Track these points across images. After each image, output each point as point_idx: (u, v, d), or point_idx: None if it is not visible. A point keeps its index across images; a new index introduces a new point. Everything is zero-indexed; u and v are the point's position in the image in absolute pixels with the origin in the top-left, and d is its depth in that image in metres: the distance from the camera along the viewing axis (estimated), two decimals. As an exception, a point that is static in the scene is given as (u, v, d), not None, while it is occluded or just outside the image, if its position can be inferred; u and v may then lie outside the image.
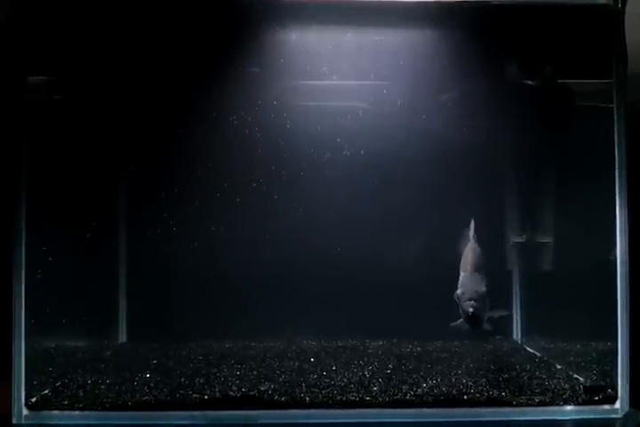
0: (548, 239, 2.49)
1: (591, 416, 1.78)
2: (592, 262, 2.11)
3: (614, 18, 1.87)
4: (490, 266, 2.47)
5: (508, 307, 2.36)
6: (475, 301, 1.81)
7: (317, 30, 2.32)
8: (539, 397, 1.79)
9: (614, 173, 1.83)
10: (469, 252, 1.98)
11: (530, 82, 2.49)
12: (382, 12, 2.19)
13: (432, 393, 1.80)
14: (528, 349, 2.40)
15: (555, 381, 1.93)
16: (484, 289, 1.84)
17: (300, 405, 1.77)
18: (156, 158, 2.43)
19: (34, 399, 1.78)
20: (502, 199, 2.58)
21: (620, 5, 1.88)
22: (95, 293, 2.34)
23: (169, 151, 2.43)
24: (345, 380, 1.94)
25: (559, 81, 2.43)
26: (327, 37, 2.35)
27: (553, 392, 1.83)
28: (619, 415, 1.78)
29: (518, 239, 2.56)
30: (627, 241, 1.82)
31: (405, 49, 2.35)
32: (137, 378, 1.98)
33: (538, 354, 2.31)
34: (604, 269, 1.88)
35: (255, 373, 2.02)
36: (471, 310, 1.79)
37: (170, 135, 2.41)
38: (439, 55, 2.36)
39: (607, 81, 1.87)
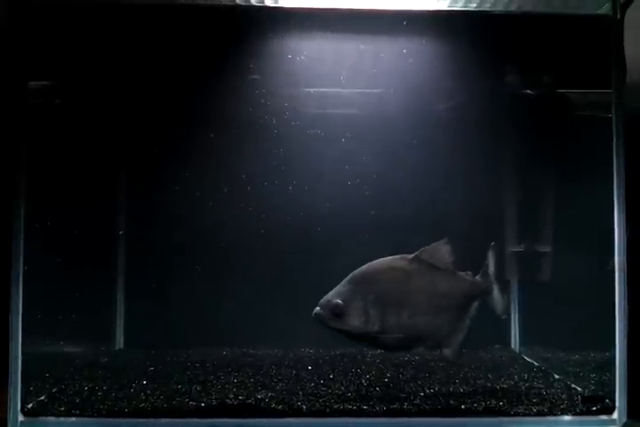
0: (546, 248, 2.49)
1: (589, 427, 1.78)
2: (590, 272, 2.11)
3: (613, 29, 1.88)
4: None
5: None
6: (319, 307, 1.80)
7: (318, 38, 2.34)
8: (536, 407, 1.79)
9: (612, 183, 1.84)
10: (368, 265, 1.86)
11: (529, 91, 2.50)
12: (383, 20, 2.21)
13: (429, 402, 1.80)
14: (526, 358, 2.40)
15: (552, 391, 1.93)
16: (336, 302, 1.78)
17: (298, 413, 1.76)
18: (155, 163, 2.44)
19: (30, 405, 1.78)
20: (501, 208, 2.59)
21: (619, 16, 1.89)
22: (93, 299, 2.33)
23: (167, 156, 2.44)
24: (342, 388, 1.93)
25: (558, 91, 2.44)
26: (328, 45, 2.36)
27: (551, 402, 1.83)
28: (616, 426, 1.78)
29: (517, 248, 2.56)
30: (625, 251, 1.82)
31: (407, 58, 2.36)
32: (134, 385, 1.97)
33: (536, 364, 2.30)
34: (602, 278, 1.88)
35: (252, 380, 2.02)
36: (313, 314, 1.80)
37: (169, 139, 2.42)
38: (439, 64, 2.38)
39: (606, 91, 1.88)
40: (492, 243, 1.91)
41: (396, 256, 1.88)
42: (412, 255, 1.87)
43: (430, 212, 2.38)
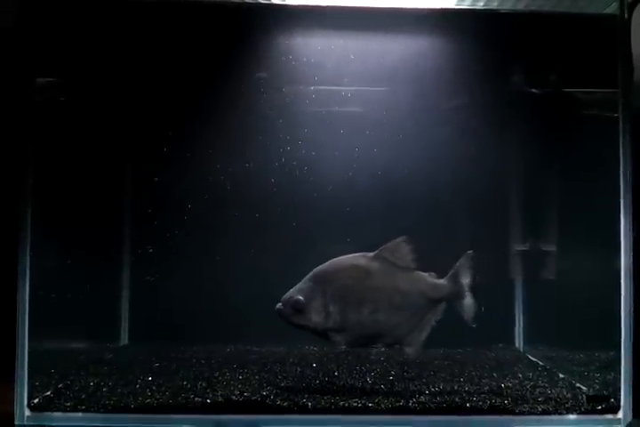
0: (551, 248, 2.49)
1: (593, 426, 1.78)
2: (595, 271, 2.11)
3: (621, 28, 1.88)
4: (493, 274, 2.50)
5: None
6: (281, 303, 1.87)
7: (326, 36, 2.34)
8: (541, 405, 1.79)
9: (619, 182, 1.83)
10: (329, 263, 1.90)
11: (535, 91, 2.50)
12: (388, 18, 2.21)
13: (434, 400, 1.80)
14: (530, 357, 2.40)
15: (557, 390, 1.93)
16: (297, 298, 1.85)
17: (303, 410, 1.77)
18: (162, 163, 2.44)
19: (36, 401, 1.79)
20: (506, 207, 2.59)
21: (626, 16, 1.89)
22: (98, 295, 2.34)
23: (174, 156, 2.44)
24: (347, 386, 1.94)
25: (565, 90, 2.44)
26: (333, 43, 2.37)
27: (556, 401, 1.82)
28: (621, 425, 1.78)
29: (522, 247, 2.56)
30: (631, 250, 1.82)
31: (412, 56, 2.36)
32: (139, 381, 1.98)
33: (540, 363, 2.30)
34: (607, 277, 1.88)
35: (257, 377, 2.02)
36: (275, 309, 1.87)
37: (176, 139, 2.42)
38: (445, 63, 2.38)
39: (612, 90, 1.87)
40: (469, 251, 1.91)
41: (357, 254, 1.91)
42: (372, 253, 1.90)
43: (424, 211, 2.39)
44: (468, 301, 1.89)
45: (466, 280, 1.89)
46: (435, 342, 2.41)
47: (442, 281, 1.90)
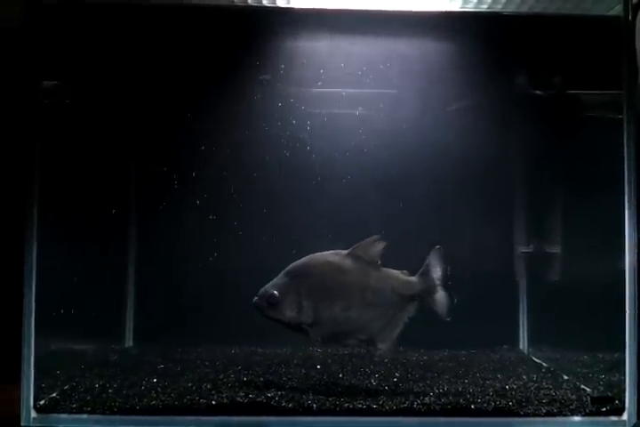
0: (555, 249, 2.49)
1: (598, 428, 1.78)
2: (600, 273, 2.11)
3: (625, 30, 1.88)
4: (497, 275, 2.50)
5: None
6: (257, 297, 1.91)
7: (331, 39, 2.35)
8: (546, 407, 1.79)
9: (623, 183, 1.83)
10: (305, 259, 1.95)
11: (539, 93, 2.50)
12: (392, 21, 2.22)
13: (439, 402, 1.80)
14: (535, 359, 2.40)
15: (562, 391, 1.93)
16: (271, 292, 1.89)
17: (308, 412, 1.77)
18: (167, 163, 2.45)
19: (42, 402, 1.79)
20: (510, 209, 2.59)
21: (630, 18, 1.89)
22: (103, 296, 2.35)
23: (179, 157, 2.45)
24: (352, 387, 1.94)
25: (569, 92, 2.44)
26: (338, 46, 2.37)
27: (560, 403, 1.82)
28: (626, 427, 1.78)
29: (526, 249, 2.56)
30: (635, 251, 1.82)
31: (415, 59, 2.36)
32: (144, 382, 1.98)
33: (544, 364, 2.30)
34: (611, 279, 1.87)
35: (262, 379, 2.03)
36: (252, 303, 1.92)
37: (181, 140, 2.43)
38: (449, 65, 2.38)
39: (617, 92, 1.88)
40: (437, 246, 1.93)
41: (331, 251, 1.95)
42: (346, 251, 1.93)
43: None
44: (440, 296, 1.92)
45: (437, 276, 1.92)
46: (439, 343, 2.45)
47: (413, 278, 1.93)
